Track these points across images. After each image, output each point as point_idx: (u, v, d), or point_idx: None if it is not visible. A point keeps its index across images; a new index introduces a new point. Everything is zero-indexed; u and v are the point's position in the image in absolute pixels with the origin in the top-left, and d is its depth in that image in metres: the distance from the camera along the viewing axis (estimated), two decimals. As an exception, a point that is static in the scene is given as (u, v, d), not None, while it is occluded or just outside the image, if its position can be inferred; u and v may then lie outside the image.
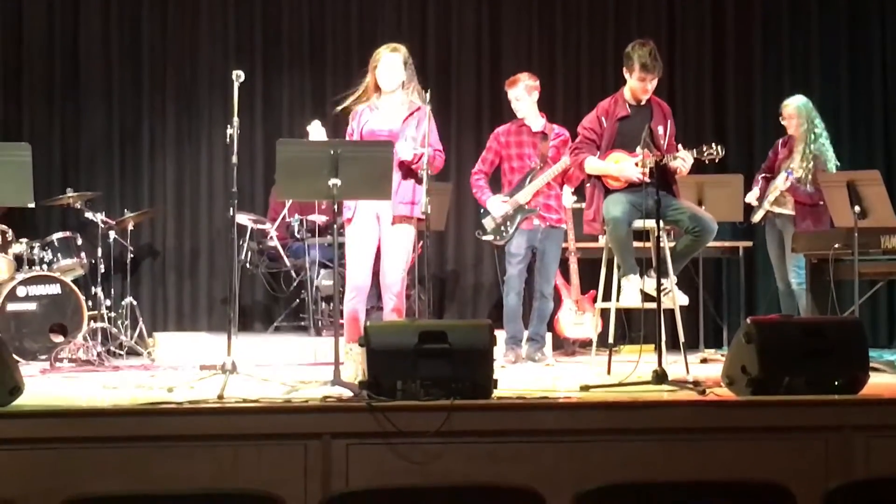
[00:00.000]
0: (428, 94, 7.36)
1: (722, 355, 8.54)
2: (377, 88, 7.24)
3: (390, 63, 7.21)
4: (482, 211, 8.88)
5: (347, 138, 7.23)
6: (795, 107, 9.17)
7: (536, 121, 8.80)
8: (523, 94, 8.78)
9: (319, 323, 9.89)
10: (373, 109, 7.22)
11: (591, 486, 3.97)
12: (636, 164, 7.27)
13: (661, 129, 7.53)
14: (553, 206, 8.75)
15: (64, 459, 5.28)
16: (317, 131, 7.30)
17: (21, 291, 8.97)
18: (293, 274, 10.38)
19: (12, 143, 6.61)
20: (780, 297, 9.36)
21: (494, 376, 5.74)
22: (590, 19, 11.47)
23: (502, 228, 8.75)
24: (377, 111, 7.22)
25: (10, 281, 8.99)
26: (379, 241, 7.14)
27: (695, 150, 7.28)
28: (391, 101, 7.23)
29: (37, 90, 10.79)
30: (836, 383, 5.84)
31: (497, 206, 8.73)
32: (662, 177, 7.16)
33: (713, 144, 7.27)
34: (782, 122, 9.24)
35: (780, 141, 9.34)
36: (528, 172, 8.72)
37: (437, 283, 11.09)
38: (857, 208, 8.13)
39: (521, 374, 7.64)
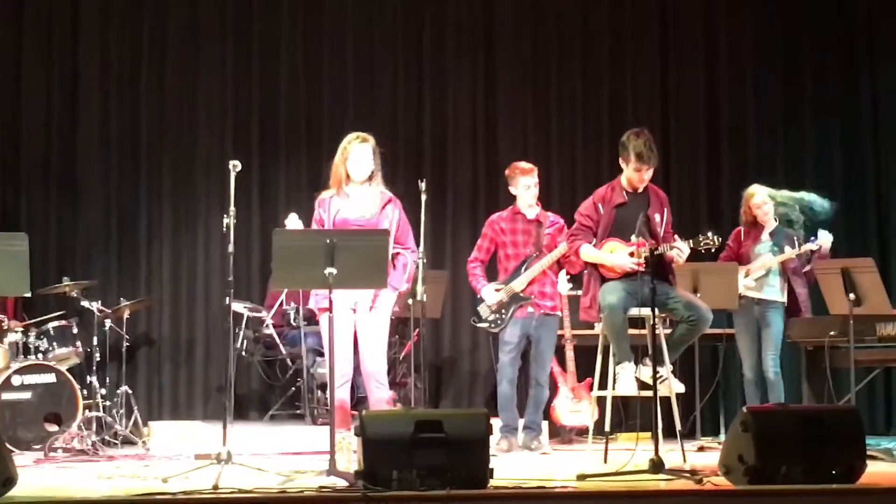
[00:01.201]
0: (423, 184, 7.42)
1: (719, 443, 8.50)
2: (347, 178, 7.27)
3: (361, 154, 7.27)
4: (477, 299, 8.89)
5: (315, 226, 7.26)
6: (768, 192, 9.21)
7: (531, 209, 8.84)
8: (537, 182, 8.83)
9: (315, 411, 9.85)
10: (343, 198, 7.24)
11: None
12: (631, 254, 7.29)
13: (657, 217, 7.56)
14: (548, 293, 8.76)
15: (57, 551, 5.24)
16: (294, 223, 7.32)
17: (16, 380, 8.93)
18: (289, 362, 10.37)
19: (9, 233, 6.62)
20: (745, 386, 9.27)
21: (490, 465, 5.72)
22: (584, 106, 11.58)
23: (497, 316, 8.75)
24: (348, 200, 7.24)
25: (6, 370, 8.96)
26: (355, 331, 7.18)
27: (691, 240, 7.29)
28: (361, 190, 7.28)
29: (34, 178, 10.85)
30: (834, 472, 5.83)
31: (492, 294, 8.74)
32: (658, 265, 7.18)
33: (709, 234, 7.28)
34: (758, 212, 9.20)
35: (742, 230, 9.30)
36: (523, 260, 8.74)
37: (433, 371, 11.08)
38: (851, 296, 8.14)
39: (517, 463, 7.60)
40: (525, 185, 8.78)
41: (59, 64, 10.99)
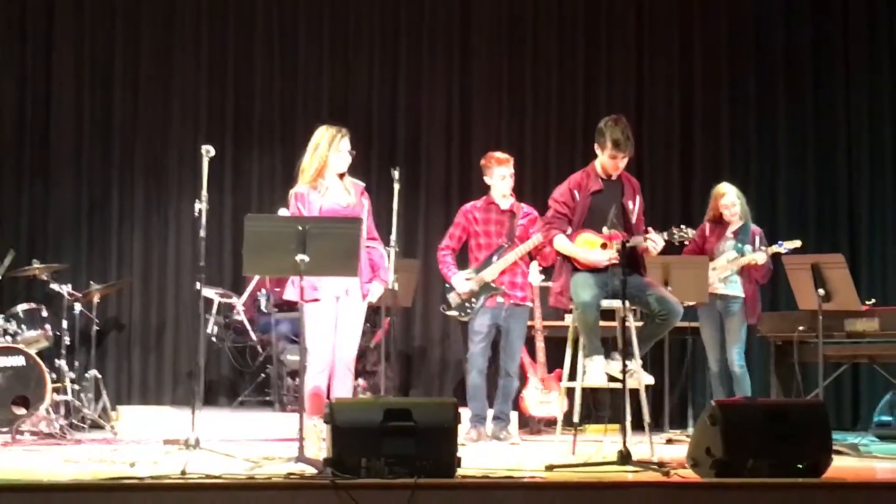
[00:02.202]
0: (396, 172, 7.43)
1: (687, 436, 8.54)
2: (325, 168, 7.26)
3: (345, 147, 7.27)
4: (447, 286, 8.90)
5: None
6: (736, 192, 9.22)
7: (505, 199, 8.85)
8: (510, 171, 8.83)
9: (284, 398, 9.85)
10: (320, 190, 7.22)
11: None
12: (604, 245, 7.30)
13: (630, 205, 7.57)
14: (519, 283, 8.77)
15: (23, 535, 5.22)
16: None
17: (-16, 363, 8.91)
18: (259, 349, 10.36)
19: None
20: (711, 379, 9.30)
21: (458, 455, 5.73)
22: (559, 98, 11.60)
23: (467, 305, 8.76)
24: (328, 191, 7.23)
25: (-26, 352, 8.94)
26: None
27: (665, 232, 7.31)
28: (337, 182, 7.28)
29: (6, 161, 10.80)
30: (800, 466, 5.85)
31: (462, 282, 8.75)
32: (631, 257, 7.20)
33: (683, 227, 7.30)
34: (725, 211, 9.21)
35: (707, 225, 9.33)
36: (495, 250, 8.75)
37: (404, 360, 11.09)
38: (821, 291, 8.19)
39: (485, 453, 7.61)
40: (500, 174, 8.79)
41: (33, 47, 10.93)
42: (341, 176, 7.28)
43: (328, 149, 7.24)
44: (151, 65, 11.10)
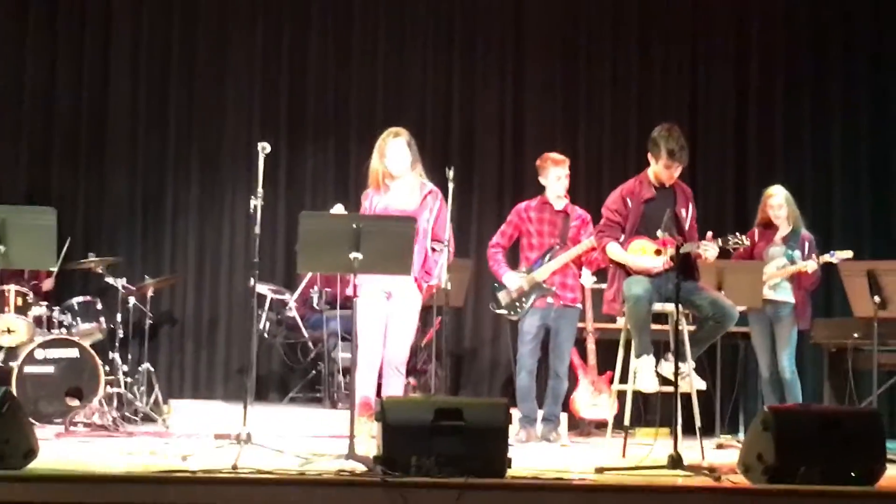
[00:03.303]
0: (451, 172, 7.43)
1: (738, 441, 8.50)
2: (386, 174, 7.34)
3: (396, 148, 7.36)
4: (496, 284, 8.88)
5: None
6: (785, 196, 9.14)
7: (559, 200, 8.83)
8: (565, 172, 8.82)
9: (335, 395, 9.87)
10: (384, 192, 7.31)
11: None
12: (657, 251, 7.26)
13: (683, 213, 7.54)
14: (569, 285, 8.75)
15: (76, 525, 5.26)
16: (338, 212, 7.36)
17: (39, 354, 9.00)
18: (310, 345, 10.40)
19: (38, 207, 6.67)
20: (762, 385, 9.22)
21: (508, 455, 5.72)
22: (612, 101, 11.55)
23: (517, 304, 8.75)
24: (389, 193, 7.32)
25: (29, 343, 9.02)
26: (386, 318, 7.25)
27: (720, 239, 7.26)
28: (402, 183, 7.38)
29: (64, 155, 10.91)
30: (853, 474, 5.80)
31: (513, 280, 8.74)
32: (684, 262, 7.16)
33: (738, 234, 7.25)
34: (771, 213, 9.14)
35: (756, 230, 9.25)
36: (547, 250, 8.73)
37: (454, 359, 11.09)
38: (876, 298, 8.10)
39: (535, 454, 7.60)
40: (556, 175, 8.77)
41: (91, 41, 11.04)
42: (411, 172, 7.34)
43: (378, 154, 7.33)
44: (207, 59, 11.18)
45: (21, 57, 10.93)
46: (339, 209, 7.37)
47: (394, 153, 7.36)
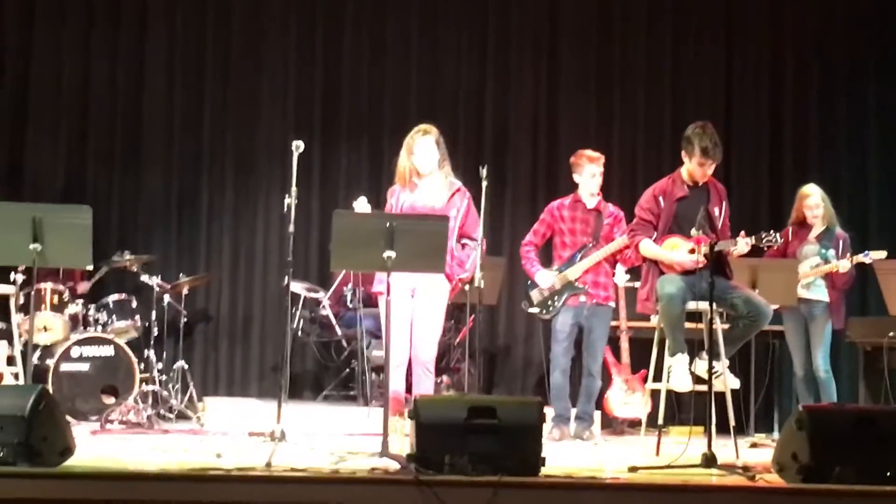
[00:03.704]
0: (484, 170, 7.44)
1: (772, 440, 8.47)
2: (413, 172, 7.36)
3: (425, 146, 7.39)
4: (528, 283, 8.88)
5: None
6: (821, 195, 9.10)
7: (592, 198, 8.81)
8: (600, 170, 8.80)
9: (368, 394, 9.89)
10: (411, 189, 7.34)
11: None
12: (691, 250, 7.25)
13: (716, 211, 7.53)
14: (602, 283, 8.73)
15: (112, 522, 5.30)
16: (362, 206, 7.36)
17: (75, 352, 9.06)
18: (344, 343, 10.42)
19: (74, 206, 6.69)
20: (796, 384, 9.18)
21: (542, 454, 5.72)
22: (646, 99, 11.52)
23: (549, 303, 8.74)
24: (417, 190, 7.35)
25: (65, 341, 9.08)
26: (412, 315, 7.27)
27: (753, 237, 7.25)
28: (430, 180, 7.41)
29: (98, 152, 10.97)
30: (888, 474, 5.77)
31: (546, 279, 8.73)
32: (717, 260, 7.14)
33: (771, 231, 7.24)
34: (807, 212, 9.09)
35: (790, 228, 9.21)
36: (580, 248, 8.71)
37: (487, 358, 11.09)
38: (913, 296, 8.05)
39: (568, 453, 7.59)
40: (591, 173, 8.75)
41: (126, 40, 11.10)
42: (440, 170, 7.36)
43: (406, 151, 7.35)
44: (241, 58, 11.22)
45: (58, 57, 11.00)
46: (362, 203, 7.36)
47: (422, 150, 7.39)
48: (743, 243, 7.23)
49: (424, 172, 7.40)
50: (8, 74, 10.95)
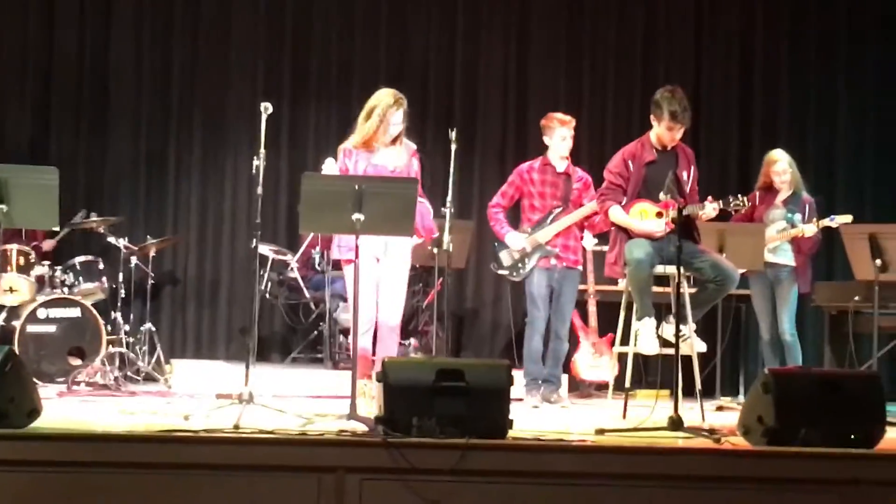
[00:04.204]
0: (453, 133, 7.42)
1: (738, 403, 8.52)
2: (376, 138, 7.32)
3: (400, 118, 7.32)
4: (496, 244, 8.88)
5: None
6: (788, 160, 9.13)
7: (562, 161, 8.81)
8: (570, 133, 8.79)
9: (336, 356, 9.89)
10: (372, 152, 7.30)
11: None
12: (659, 213, 7.27)
13: (685, 175, 7.55)
14: (571, 246, 8.74)
15: (79, 483, 5.28)
16: (330, 168, 7.33)
17: (41, 313, 9.02)
18: (312, 306, 10.41)
19: (40, 167, 6.64)
20: (762, 348, 9.23)
21: (510, 416, 5.74)
22: (617, 62, 11.52)
23: (519, 265, 8.74)
24: (377, 153, 7.31)
25: (31, 303, 9.04)
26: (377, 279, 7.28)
27: (721, 201, 7.28)
28: (391, 144, 7.35)
29: (65, 113, 10.90)
30: (853, 437, 5.81)
31: (517, 241, 8.72)
32: (685, 224, 7.16)
33: (739, 196, 7.28)
34: (774, 177, 9.13)
35: (757, 193, 9.24)
36: (549, 212, 8.72)
37: (456, 321, 11.10)
38: (878, 261, 8.09)
39: (536, 416, 7.62)
40: (561, 135, 8.74)
41: (92, 1, 10.99)
42: (395, 139, 7.34)
43: (378, 122, 7.30)
44: (210, 19, 11.15)
45: (24, 17, 10.89)
46: (330, 164, 7.33)
47: (397, 121, 7.35)
48: (710, 207, 7.28)
49: (393, 135, 7.36)
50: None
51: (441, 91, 11.36)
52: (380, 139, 7.33)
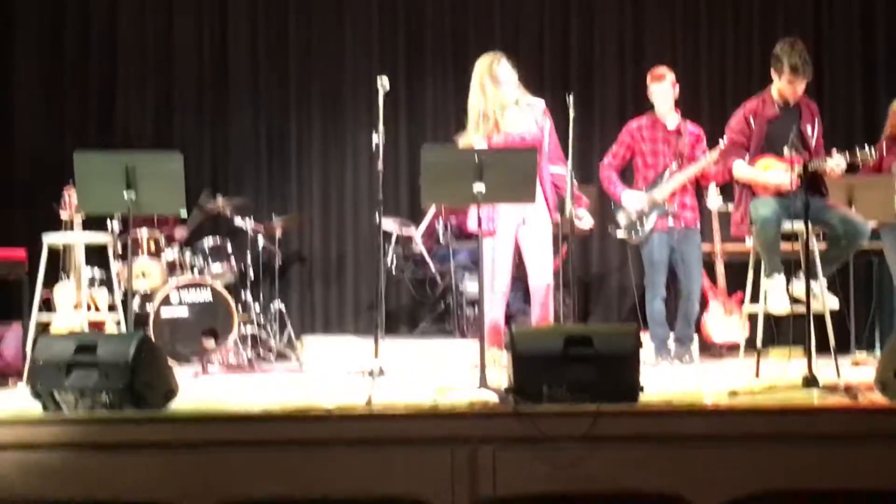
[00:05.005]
0: (571, 98, 7.36)
1: (875, 359, 8.36)
2: (503, 105, 7.29)
3: (509, 71, 7.29)
4: (613, 205, 8.82)
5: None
6: None
7: (672, 117, 8.71)
8: (670, 89, 8.71)
9: (464, 327, 9.92)
10: (496, 126, 7.28)
11: (739, 493, 3.91)
12: (785, 170, 7.15)
13: (809, 130, 7.42)
14: (689, 204, 8.67)
15: (216, 463, 5.39)
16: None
17: (174, 298, 9.18)
18: (438, 279, 10.44)
19: (165, 153, 6.74)
20: None
21: (640, 381, 5.70)
22: (735, 16, 11.32)
23: (637, 225, 8.67)
24: (504, 119, 7.27)
25: (163, 287, 9.20)
26: (518, 247, 7.24)
27: (847, 152, 7.14)
28: (513, 109, 7.32)
29: (186, 98, 11.05)
30: None
31: (633, 199, 8.65)
32: (812, 179, 7.04)
33: (865, 147, 7.12)
34: None
35: (885, 143, 9.00)
36: (664, 170, 8.63)
37: (582, 287, 11.05)
38: None
39: (666, 378, 7.56)
40: (657, 91, 8.67)
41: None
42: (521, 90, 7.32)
43: (493, 87, 7.26)
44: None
45: (141, 5, 11.07)
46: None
47: (508, 76, 7.30)
48: (836, 160, 7.12)
49: (511, 101, 7.32)
50: (95, 34, 11.04)
51: (557, 55, 11.27)
52: (498, 103, 7.27)
